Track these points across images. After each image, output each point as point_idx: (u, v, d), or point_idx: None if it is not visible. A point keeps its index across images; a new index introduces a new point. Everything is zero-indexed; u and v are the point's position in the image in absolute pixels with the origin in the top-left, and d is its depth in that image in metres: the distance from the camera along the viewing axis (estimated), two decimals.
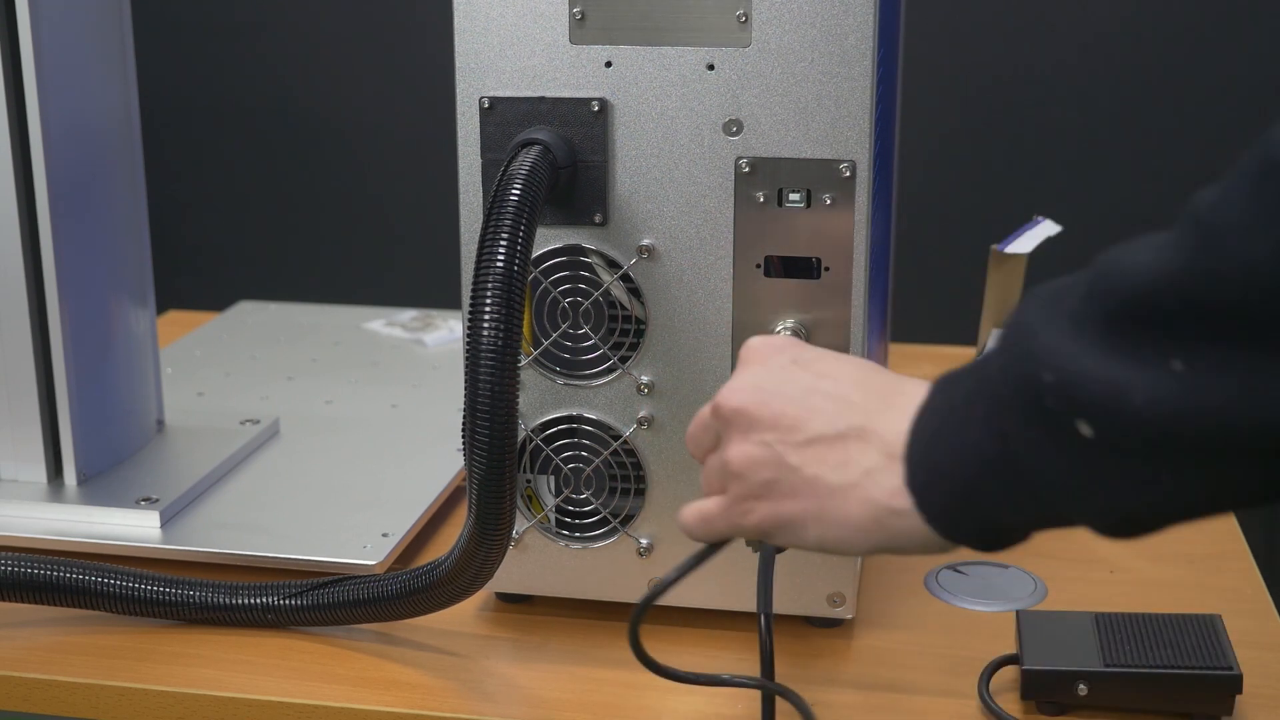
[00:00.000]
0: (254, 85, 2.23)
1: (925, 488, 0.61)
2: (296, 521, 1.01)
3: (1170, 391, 0.52)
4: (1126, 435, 0.53)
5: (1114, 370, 0.53)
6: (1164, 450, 0.53)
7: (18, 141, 0.99)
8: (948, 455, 0.60)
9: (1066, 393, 0.54)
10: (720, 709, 0.83)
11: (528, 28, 0.83)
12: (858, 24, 0.80)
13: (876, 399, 0.64)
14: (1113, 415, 0.53)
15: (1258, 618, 0.93)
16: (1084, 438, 0.54)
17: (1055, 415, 0.55)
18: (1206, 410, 0.51)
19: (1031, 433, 0.56)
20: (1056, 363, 0.55)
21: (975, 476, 0.59)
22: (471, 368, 0.75)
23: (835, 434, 0.64)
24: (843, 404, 0.65)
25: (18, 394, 1.03)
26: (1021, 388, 0.56)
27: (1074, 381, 0.54)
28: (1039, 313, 0.57)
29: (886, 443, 0.62)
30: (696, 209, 0.84)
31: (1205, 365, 0.51)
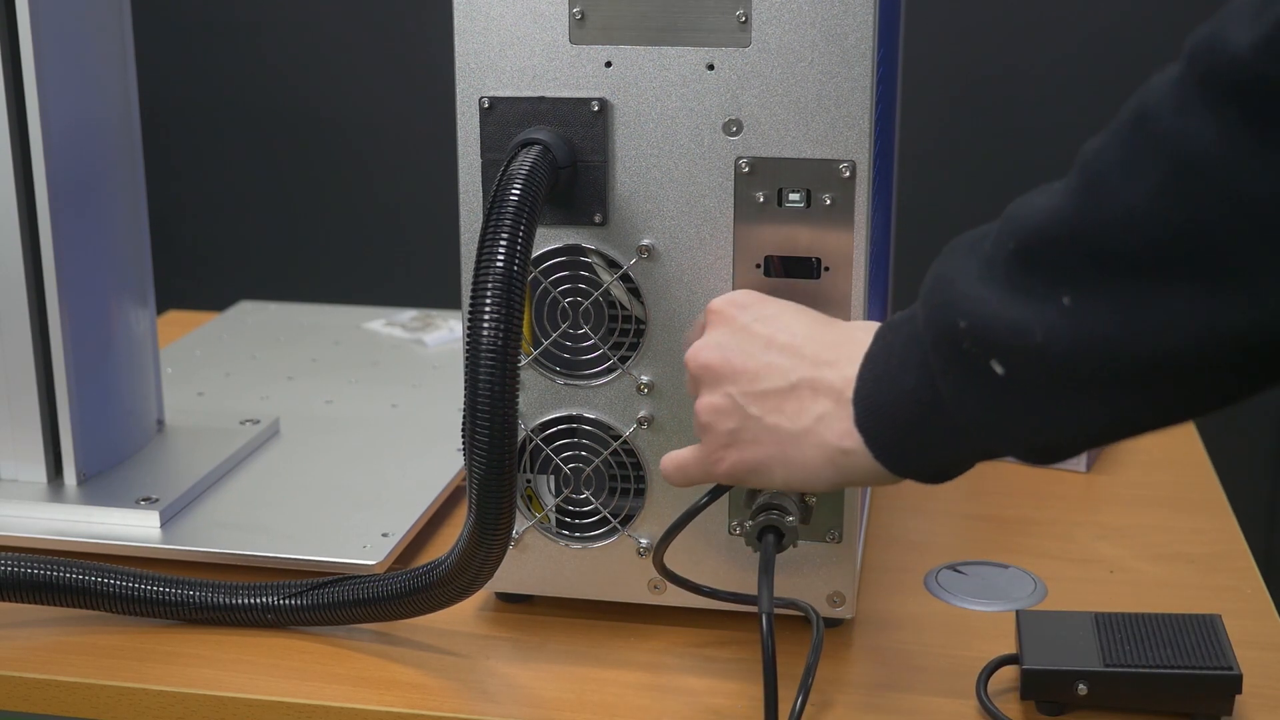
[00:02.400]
0: (254, 85, 2.23)
1: (871, 428, 0.68)
2: (296, 521, 1.01)
3: (1063, 326, 0.57)
4: (1032, 370, 0.58)
5: (1016, 310, 0.58)
6: (1065, 382, 0.58)
7: (18, 141, 0.99)
8: (888, 398, 0.66)
9: (979, 335, 0.60)
10: (720, 708, 0.83)
11: (528, 28, 0.83)
12: (858, 24, 0.79)
13: (826, 349, 0.71)
14: (1018, 353, 0.59)
15: (1258, 618, 0.93)
16: (998, 376, 0.60)
17: (971, 357, 0.61)
18: (1093, 342, 0.56)
19: (953, 374, 0.62)
20: (968, 308, 0.60)
21: (912, 417, 0.65)
22: (471, 368, 0.75)
23: (789, 385, 0.71)
24: (795, 356, 0.72)
25: (18, 394, 1.03)
26: (941, 334, 0.62)
27: (984, 324, 0.60)
28: (955, 261, 0.63)
29: (835, 389, 0.69)
30: (696, 209, 0.84)
31: (1090, 300, 0.56)
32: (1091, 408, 0.59)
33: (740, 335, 0.74)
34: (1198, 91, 0.52)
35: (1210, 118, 0.52)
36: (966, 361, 0.61)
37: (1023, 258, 0.59)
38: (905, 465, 0.68)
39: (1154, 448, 1.21)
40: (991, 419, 0.62)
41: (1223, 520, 1.08)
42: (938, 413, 0.64)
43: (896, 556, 1.01)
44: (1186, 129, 0.53)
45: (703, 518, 0.85)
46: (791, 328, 0.74)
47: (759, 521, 0.81)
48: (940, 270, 0.64)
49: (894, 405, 0.66)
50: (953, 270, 0.63)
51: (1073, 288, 0.57)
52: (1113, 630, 0.83)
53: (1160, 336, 0.55)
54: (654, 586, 0.90)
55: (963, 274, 0.62)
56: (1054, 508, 1.10)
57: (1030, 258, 0.58)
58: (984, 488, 1.14)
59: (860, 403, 0.68)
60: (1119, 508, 1.10)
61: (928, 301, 0.64)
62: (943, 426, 0.64)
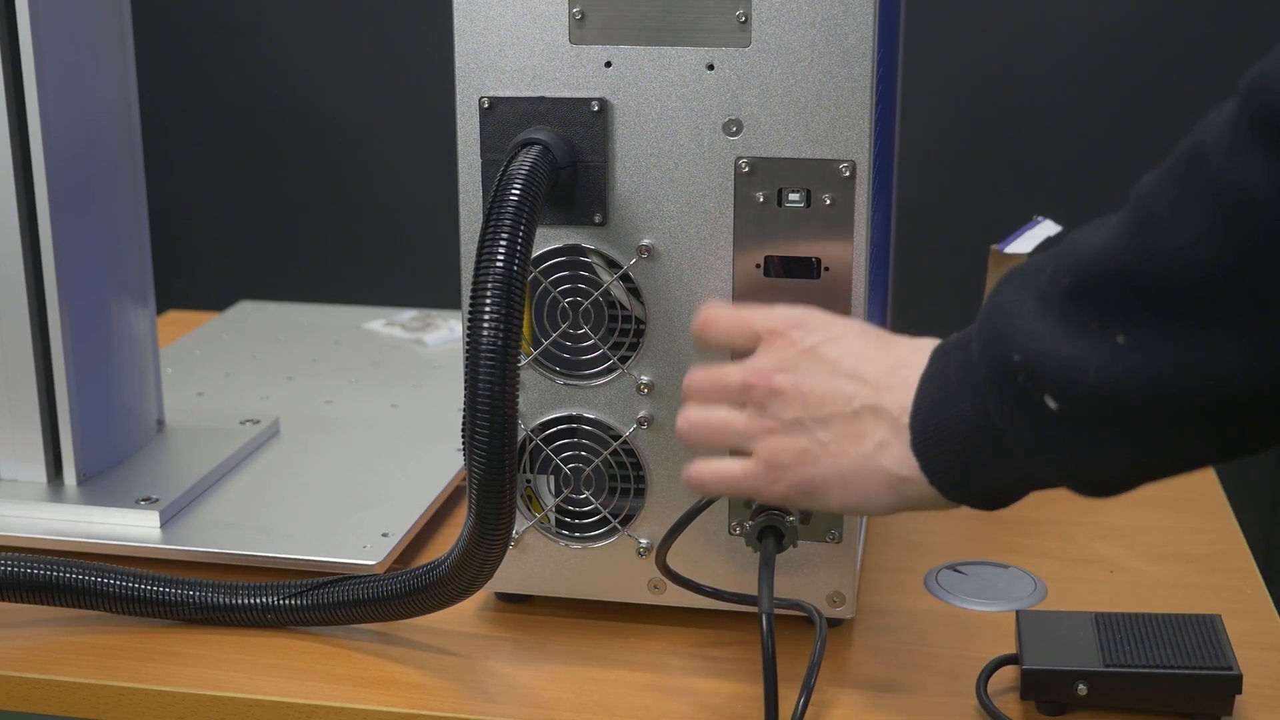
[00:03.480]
0: (254, 85, 2.23)
1: (927, 455, 0.68)
2: (296, 521, 1.01)
3: (1116, 365, 0.57)
4: (1085, 406, 0.59)
5: (1070, 347, 0.59)
6: (1118, 418, 0.59)
7: (18, 141, 0.99)
8: (943, 426, 0.67)
9: (1033, 370, 0.61)
10: (720, 709, 0.83)
11: (528, 28, 0.83)
12: (858, 24, 0.79)
13: (886, 373, 0.71)
14: (1072, 389, 0.59)
15: (1258, 618, 0.93)
16: (1052, 411, 0.60)
17: (1025, 391, 0.61)
18: (1144, 380, 0.57)
19: (1007, 407, 0.63)
20: (1023, 342, 0.61)
21: (967, 445, 0.66)
22: (471, 368, 0.75)
23: (852, 412, 0.71)
24: (859, 382, 0.71)
25: (18, 394, 1.03)
26: (996, 366, 0.63)
27: (1038, 360, 0.60)
28: (1011, 293, 0.63)
29: (894, 416, 0.69)
30: (696, 209, 0.84)
31: (1143, 339, 0.57)
32: (1144, 444, 0.59)
33: (808, 359, 0.73)
34: (1250, 132, 0.53)
35: (1261, 158, 0.52)
36: (1021, 396, 0.61)
37: (1077, 294, 0.59)
38: (960, 492, 0.68)
39: None
40: (1045, 452, 0.62)
41: (1223, 520, 1.08)
42: (992, 442, 0.64)
43: (896, 556, 1.01)
44: (1238, 169, 0.53)
45: (703, 518, 0.85)
46: (855, 351, 0.73)
47: (759, 522, 0.81)
48: (997, 299, 0.64)
49: (949, 432, 0.66)
50: (1009, 301, 0.63)
51: (1126, 326, 0.57)
52: (1113, 630, 0.83)
53: (1210, 376, 0.55)
54: (654, 586, 0.90)
55: (1019, 306, 0.62)
56: (1054, 508, 1.10)
57: (1085, 294, 0.59)
58: None
59: (916, 427, 0.68)
60: (1119, 508, 1.10)
61: (984, 331, 0.64)
62: (997, 456, 0.65)
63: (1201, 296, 0.55)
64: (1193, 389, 0.56)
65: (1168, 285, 0.55)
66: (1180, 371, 0.56)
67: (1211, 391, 0.56)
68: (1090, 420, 0.60)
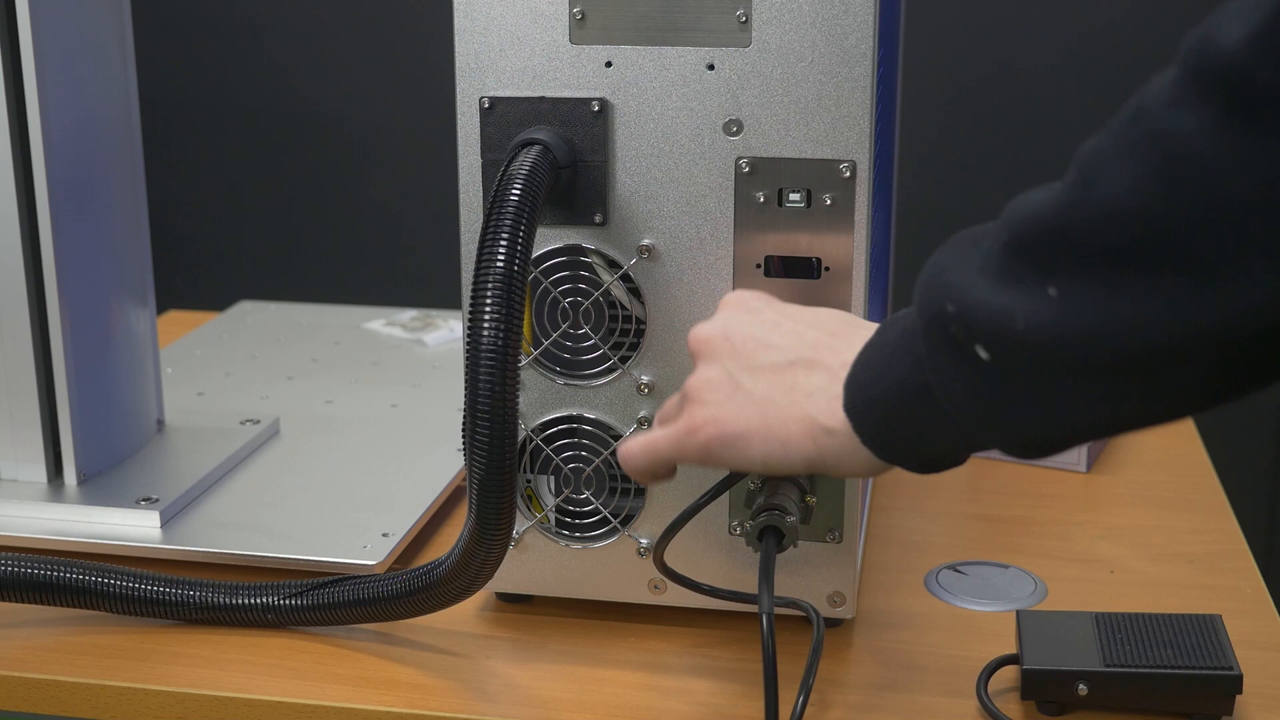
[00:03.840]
0: (254, 85, 2.23)
1: (859, 413, 0.67)
2: (296, 521, 1.01)
3: (1046, 315, 0.57)
4: (1015, 358, 0.59)
5: (1002, 297, 0.59)
6: (1048, 372, 0.58)
7: (18, 140, 0.99)
8: (878, 383, 0.66)
9: (965, 320, 0.60)
10: (720, 709, 0.83)
11: (528, 28, 0.83)
12: (858, 24, 0.79)
13: (831, 336, 0.71)
14: (1001, 338, 0.59)
15: (1258, 618, 0.93)
16: (984, 362, 0.60)
17: (957, 342, 0.61)
18: (1074, 333, 0.57)
19: (940, 359, 0.62)
20: (958, 294, 0.61)
21: (899, 403, 0.65)
22: (471, 368, 0.75)
23: (787, 362, 0.71)
24: (798, 338, 0.72)
25: (18, 394, 1.03)
26: (931, 318, 0.62)
27: (970, 309, 0.60)
28: (952, 251, 0.63)
29: (832, 370, 0.69)
30: (696, 209, 0.84)
31: (1074, 292, 0.56)
32: (1074, 400, 0.59)
33: (747, 316, 0.74)
34: (1190, 88, 0.53)
35: (1198, 113, 0.52)
36: (953, 346, 0.61)
37: (1014, 248, 0.59)
38: (891, 452, 0.67)
39: (1154, 448, 1.21)
40: (976, 407, 0.62)
41: (1223, 520, 1.08)
42: (925, 400, 0.64)
43: (896, 556, 1.02)
44: (1175, 124, 0.53)
45: (703, 518, 0.85)
46: (801, 315, 0.73)
47: (759, 521, 0.81)
48: (937, 259, 0.64)
49: (882, 391, 0.66)
50: (949, 259, 0.63)
51: (1058, 279, 0.57)
52: (1113, 630, 0.83)
53: (1139, 330, 0.55)
54: (654, 586, 0.90)
55: (957, 263, 0.62)
56: (1054, 508, 1.10)
57: (1021, 248, 0.59)
58: (984, 488, 1.14)
59: (850, 387, 0.68)
60: (1119, 508, 1.10)
61: (923, 287, 0.64)
62: (930, 414, 0.64)
63: (1133, 250, 0.54)
64: (1123, 344, 0.56)
65: (1098, 237, 0.55)
66: (1111, 326, 0.56)
67: (1141, 346, 0.55)
68: (1020, 372, 0.59)
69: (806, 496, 0.84)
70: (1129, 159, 0.55)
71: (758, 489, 0.83)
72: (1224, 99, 0.51)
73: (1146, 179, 0.54)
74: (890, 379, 0.66)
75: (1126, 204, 0.54)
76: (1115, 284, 0.55)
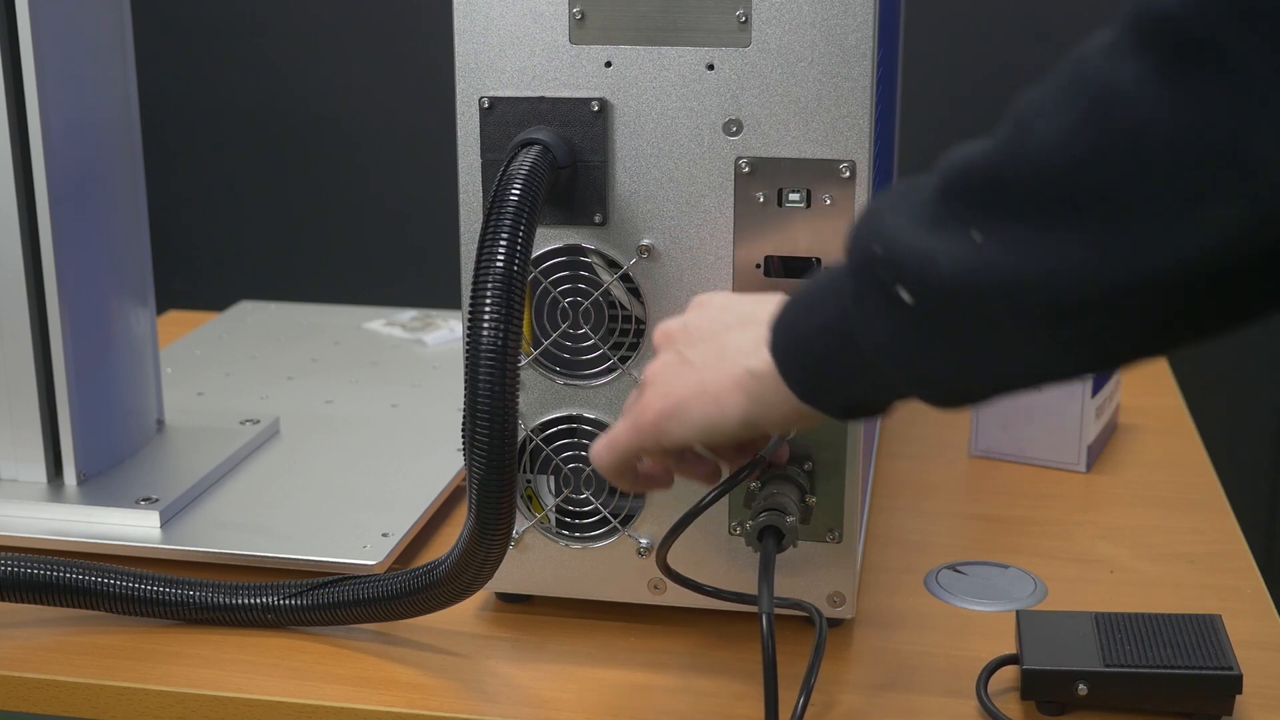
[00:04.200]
0: (254, 85, 2.23)
1: (784, 354, 0.68)
2: (296, 521, 1.01)
3: (968, 260, 0.57)
4: (937, 301, 0.59)
5: (928, 241, 0.59)
6: (969, 317, 0.58)
7: (18, 141, 0.99)
8: (804, 325, 0.67)
9: (890, 261, 0.60)
10: (720, 709, 0.83)
11: (528, 28, 0.83)
12: (858, 24, 0.79)
13: (769, 300, 0.71)
14: (925, 282, 0.59)
15: (1258, 618, 0.93)
16: (907, 305, 0.60)
17: (882, 284, 0.61)
18: (996, 278, 0.56)
19: (865, 299, 0.62)
20: (887, 236, 0.61)
21: (823, 346, 0.66)
22: (471, 368, 0.75)
23: (724, 327, 0.72)
24: (740, 306, 0.73)
25: (18, 394, 1.03)
26: (859, 260, 0.63)
27: (896, 252, 0.60)
28: (887, 196, 0.63)
29: (763, 324, 0.70)
30: (696, 209, 0.84)
31: (996, 237, 0.56)
32: (995, 348, 0.59)
33: (707, 309, 0.75)
34: (1129, 38, 0.53)
35: (1135, 62, 0.52)
36: (878, 288, 0.61)
37: (944, 193, 0.59)
38: (813, 395, 0.67)
39: (1154, 448, 1.21)
40: (898, 352, 0.62)
41: (1223, 520, 1.08)
42: (849, 342, 0.64)
43: (896, 556, 1.02)
44: (1112, 72, 0.53)
45: (703, 518, 0.85)
46: (756, 296, 0.74)
47: (759, 522, 0.81)
48: (872, 203, 0.65)
49: (808, 334, 0.66)
50: (882, 203, 0.63)
51: (983, 223, 0.57)
52: (1113, 630, 0.83)
53: (1062, 279, 0.55)
54: (654, 586, 0.90)
55: (890, 208, 0.62)
56: (1054, 508, 1.10)
57: (951, 193, 0.59)
58: (984, 488, 1.14)
59: (776, 329, 0.68)
60: (1119, 508, 1.10)
61: (854, 231, 0.64)
62: (853, 358, 0.64)
63: (1059, 195, 0.54)
64: (1042, 289, 0.55)
65: (1028, 182, 0.55)
66: (1031, 272, 0.55)
67: (1060, 293, 0.55)
68: (942, 318, 0.59)
69: (806, 496, 0.84)
70: (1064, 106, 0.54)
71: (758, 489, 0.83)
72: (1160, 49, 0.51)
73: (1080, 125, 0.54)
74: (816, 321, 0.66)
75: (1058, 150, 0.54)
76: (1041, 231, 0.55)
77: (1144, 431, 1.25)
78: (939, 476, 1.16)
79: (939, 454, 1.20)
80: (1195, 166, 0.51)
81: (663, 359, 0.75)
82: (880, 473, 1.16)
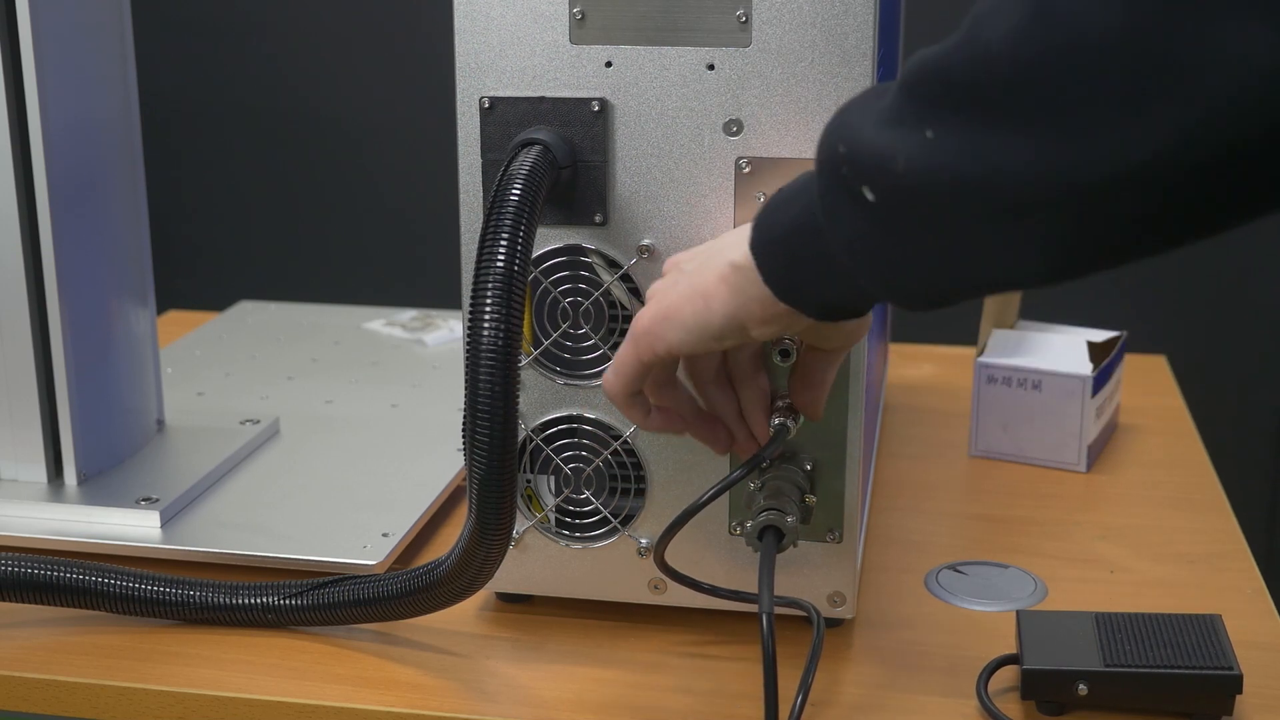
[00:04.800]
0: (254, 85, 2.23)
1: (761, 251, 0.69)
2: (296, 521, 1.01)
3: (921, 157, 0.59)
4: (896, 199, 0.60)
5: (887, 138, 0.60)
6: (926, 215, 0.60)
7: (18, 141, 0.99)
8: (779, 223, 0.69)
9: (852, 160, 0.62)
10: (720, 709, 0.83)
11: (528, 28, 0.83)
12: (858, 24, 0.79)
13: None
14: (883, 178, 0.60)
15: (1258, 618, 0.93)
16: (869, 203, 0.61)
17: (846, 181, 0.62)
18: (945, 176, 0.58)
19: (830, 198, 0.64)
20: (849, 135, 0.62)
21: (796, 242, 0.67)
22: (471, 368, 0.75)
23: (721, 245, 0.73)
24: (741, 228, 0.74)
25: (18, 394, 1.03)
26: (825, 159, 0.64)
27: (858, 149, 0.62)
28: (856, 99, 0.65)
29: (748, 229, 0.71)
30: (696, 209, 0.84)
31: (947, 135, 0.58)
32: (954, 245, 0.60)
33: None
34: None
35: None
36: (842, 186, 0.63)
37: (904, 92, 0.60)
38: (789, 293, 0.69)
39: (1154, 448, 1.21)
40: (862, 249, 0.63)
41: (1223, 520, 1.08)
42: (817, 239, 0.65)
43: (896, 556, 1.02)
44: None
45: (703, 518, 0.85)
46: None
47: (759, 521, 0.81)
48: (843, 105, 0.66)
49: (783, 231, 0.68)
50: (850, 105, 0.65)
51: (935, 121, 0.58)
52: (1113, 630, 0.83)
53: (1005, 177, 0.56)
54: (654, 586, 0.90)
55: (857, 108, 0.64)
56: (1054, 508, 1.10)
57: (909, 91, 0.60)
58: (984, 488, 1.14)
59: (756, 227, 0.70)
60: (1119, 508, 1.10)
61: (824, 132, 0.65)
62: (823, 255, 0.66)
63: (1001, 94, 0.55)
64: (990, 189, 0.57)
65: (975, 81, 0.56)
66: (978, 170, 0.56)
67: (1004, 191, 0.56)
68: (902, 215, 0.60)
69: (806, 496, 0.84)
70: (1013, 10, 0.55)
71: (758, 489, 0.83)
72: None
73: (1023, 24, 0.55)
74: (789, 219, 0.68)
75: (1004, 53, 0.55)
76: (988, 131, 0.56)
77: (1144, 431, 1.25)
78: (939, 476, 1.16)
79: (939, 454, 1.20)
80: (1133, 70, 0.52)
81: (663, 281, 0.77)
82: (880, 473, 1.16)
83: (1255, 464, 2.01)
